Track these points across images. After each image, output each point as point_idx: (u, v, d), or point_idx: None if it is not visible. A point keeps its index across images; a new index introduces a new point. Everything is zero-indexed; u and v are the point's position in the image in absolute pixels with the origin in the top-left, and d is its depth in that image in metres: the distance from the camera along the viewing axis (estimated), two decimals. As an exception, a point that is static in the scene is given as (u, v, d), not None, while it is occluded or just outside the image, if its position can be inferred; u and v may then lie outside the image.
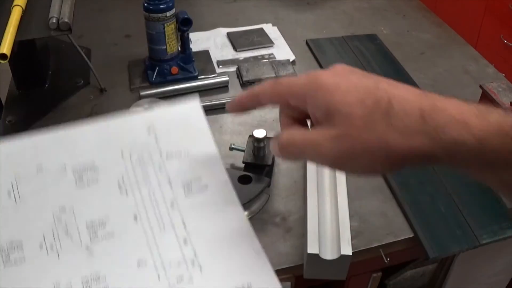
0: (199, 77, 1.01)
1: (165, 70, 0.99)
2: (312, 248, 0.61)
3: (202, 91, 0.98)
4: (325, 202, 0.70)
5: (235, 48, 1.12)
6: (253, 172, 0.74)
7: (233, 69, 1.05)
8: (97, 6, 1.29)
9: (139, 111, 0.55)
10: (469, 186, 0.77)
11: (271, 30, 1.19)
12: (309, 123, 0.42)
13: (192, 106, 0.54)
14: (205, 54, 1.09)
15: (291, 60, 1.07)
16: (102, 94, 0.98)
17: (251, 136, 0.77)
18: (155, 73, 0.99)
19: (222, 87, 1.00)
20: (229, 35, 1.17)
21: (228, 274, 0.47)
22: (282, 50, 1.12)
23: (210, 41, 1.15)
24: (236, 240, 0.48)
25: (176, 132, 0.52)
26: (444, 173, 0.79)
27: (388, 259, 0.69)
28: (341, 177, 0.73)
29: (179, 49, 1.01)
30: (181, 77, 1.00)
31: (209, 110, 0.94)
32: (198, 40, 1.15)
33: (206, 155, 0.52)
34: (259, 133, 0.75)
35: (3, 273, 0.45)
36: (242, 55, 1.10)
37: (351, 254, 0.62)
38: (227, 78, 1.00)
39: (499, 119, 0.31)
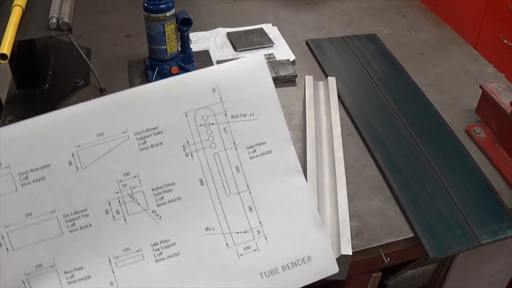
0: (199, 77, 1.01)
1: (165, 70, 0.99)
2: (312, 248, 0.61)
3: (202, 91, 0.98)
4: (325, 202, 0.69)
5: (235, 48, 1.12)
6: (253, 172, 0.74)
7: (233, 69, 1.05)
8: (97, 6, 1.29)
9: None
10: (469, 186, 0.77)
11: (271, 30, 1.19)
12: None
13: (257, 62, 0.51)
14: (205, 54, 1.09)
15: (291, 60, 1.07)
16: (102, 94, 0.98)
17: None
18: (155, 73, 0.99)
19: (222, 87, 0.99)
20: (229, 35, 1.17)
21: (291, 245, 0.47)
22: (282, 50, 1.12)
23: (210, 41, 1.15)
24: (299, 211, 0.47)
25: (241, 92, 0.49)
26: (444, 173, 0.79)
27: (388, 259, 0.69)
28: (341, 177, 0.73)
29: (179, 49, 1.01)
30: (181, 77, 1.00)
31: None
32: (198, 40, 1.15)
33: (272, 118, 0.49)
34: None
35: (71, 239, 0.44)
36: (242, 55, 1.10)
37: (351, 254, 0.61)
38: (227, 78, 1.00)
39: None
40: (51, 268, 0.44)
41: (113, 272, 0.45)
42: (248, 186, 0.47)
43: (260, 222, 0.46)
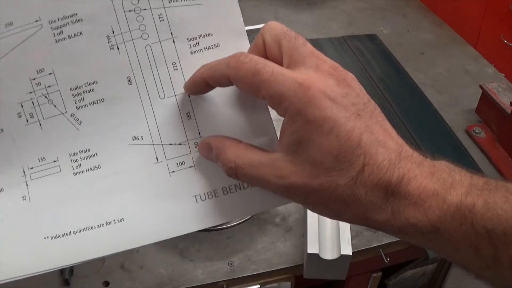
0: (199, 77, 1.01)
1: (165, 70, 0.99)
2: (312, 248, 0.61)
3: (202, 91, 0.98)
4: (325, 202, 0.69)
5: (235, 48, 1.12)
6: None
7: (233, 69, 1.05)
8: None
9: None
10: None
11: (271, 30, 1.19)
12: None
13: None
14: (205, 54, 1.09)
15: (291, 60, 1.07)
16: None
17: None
18: (155, 73, 0.99)
19: (222, 87, 0.99)
20: (229, 35, 1.17)
21: None
22: (282, 50, 1.12)
23: (210, 41, 1.15)
24: (248, 125, 0.38)
25: None
26: (444, 173, 0.79)
27: (388, 259, 0.69)
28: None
29: (179, 49, 1.00)
30: (181, 77, 1.00)
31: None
32: (198, 40, 1.15)
33: (222, 4, 0.41)
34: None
35: None
36: (242, 55, 1.10)
37: (351, 254, 0.61)
38: (227, 78, 1.00)
39: (459, 198, 0.30)
40: None
41: (26, 185, 0.39)
42: None
43: (199, 133, 0.39)
